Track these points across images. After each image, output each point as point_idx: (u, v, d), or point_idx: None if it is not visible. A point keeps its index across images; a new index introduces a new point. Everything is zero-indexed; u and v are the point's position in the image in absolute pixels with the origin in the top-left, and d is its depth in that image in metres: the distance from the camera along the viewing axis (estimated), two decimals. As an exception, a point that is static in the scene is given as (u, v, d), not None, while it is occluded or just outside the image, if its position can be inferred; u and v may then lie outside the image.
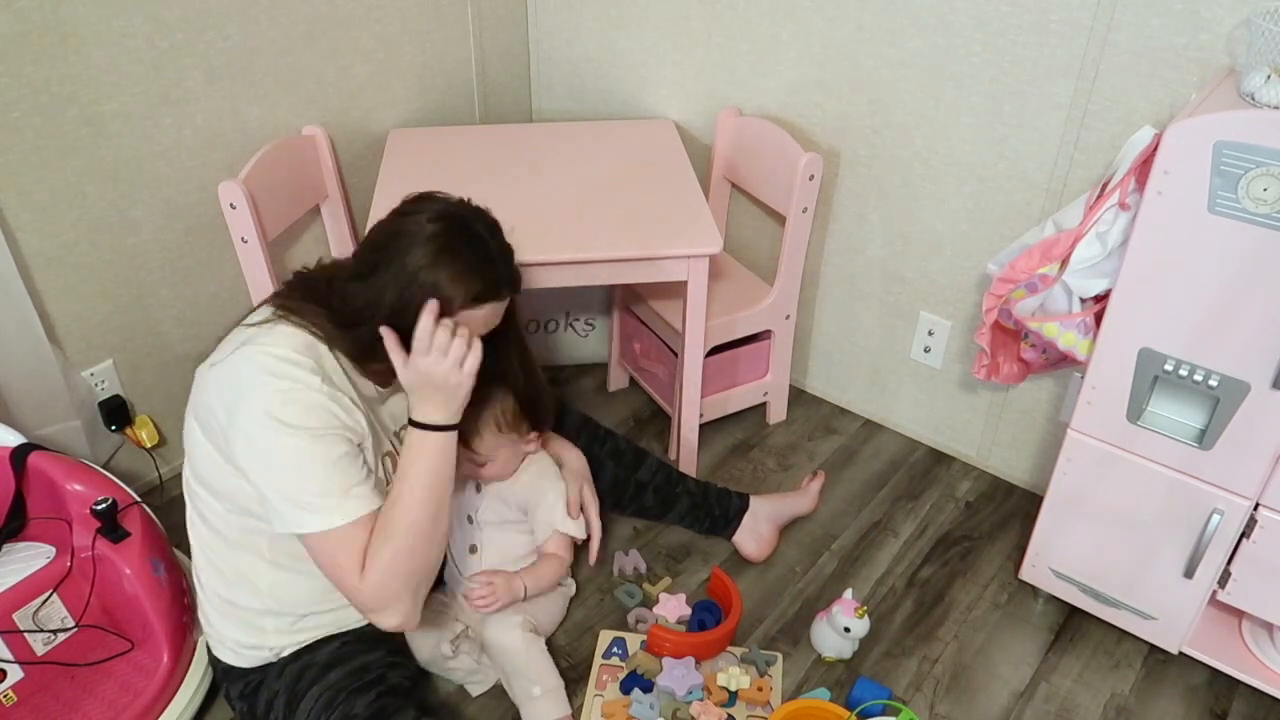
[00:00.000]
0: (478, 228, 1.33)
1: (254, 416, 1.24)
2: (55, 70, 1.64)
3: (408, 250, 1.27)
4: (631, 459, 1.86)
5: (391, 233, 1.31)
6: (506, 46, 2.41)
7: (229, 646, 1.45)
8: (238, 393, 1.26)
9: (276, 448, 1.24)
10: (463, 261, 1.28)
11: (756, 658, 1.69)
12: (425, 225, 1.28)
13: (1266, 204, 1.25)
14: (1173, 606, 1.63)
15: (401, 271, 1.27)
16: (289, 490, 1.25)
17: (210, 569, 1.43)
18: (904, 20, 1.83)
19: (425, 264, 1.26)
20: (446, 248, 1.28)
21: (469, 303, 1.29)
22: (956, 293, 2.02)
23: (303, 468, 1.25)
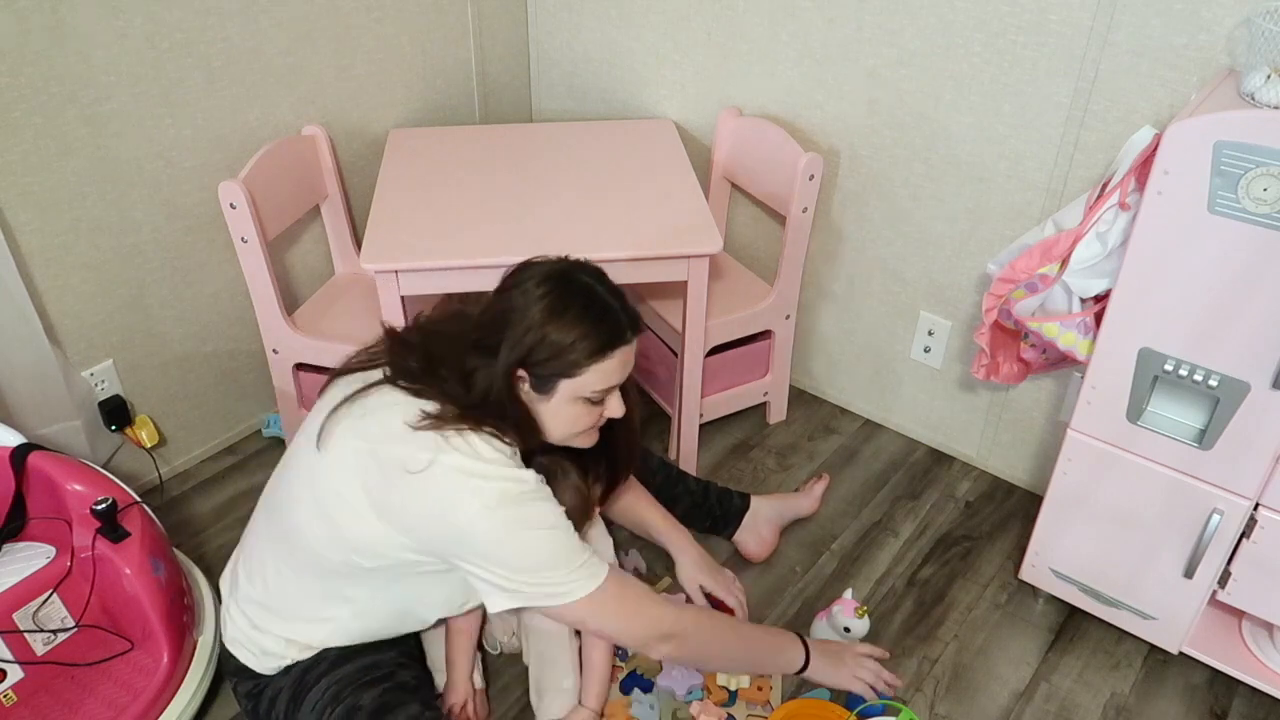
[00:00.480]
0: (583, 278, 1.33)
1: (494, 529, 1.26)
2: (55, 70, 1.64)
3: (522, 320, 1.28)
4: None
5: (503, 310, 1.31)
6: (506, 46, 2.41)
7: (252, 652, 1.45)
8: (463, 506, 1.26)
9: (522, 553, 1.28)
10: (579, 314, 1.29)
11: None
12: (533, 291, 1.29)
13: (1266, 204, 1.25)
14: (1173, 606, 1.63)
15: (520, 341, 1.28)
16: (543, 583, 1.29)
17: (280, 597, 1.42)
18: (904, 20, 1.83)
19: (541, 323, 1.28)
20: (559, 306, 1.29)
21: (597, 355, 1.30)
22: (956, 293, 2.02)
23: (555, 559, 1.30)
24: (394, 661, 1.47)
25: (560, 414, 1.35)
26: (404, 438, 1.27)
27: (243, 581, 1.47)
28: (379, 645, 1.48)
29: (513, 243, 1.76)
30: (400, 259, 1.72)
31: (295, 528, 1.37)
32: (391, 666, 1.46)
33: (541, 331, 1.28)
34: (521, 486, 1.29)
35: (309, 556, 1.36)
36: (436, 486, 1.25)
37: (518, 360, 1.29)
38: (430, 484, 1.25)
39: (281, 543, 1.40)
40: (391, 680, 1.43)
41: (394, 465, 1.26)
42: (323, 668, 1.43)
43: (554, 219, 1.84)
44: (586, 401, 1.35)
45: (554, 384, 1.31)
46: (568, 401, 1.33)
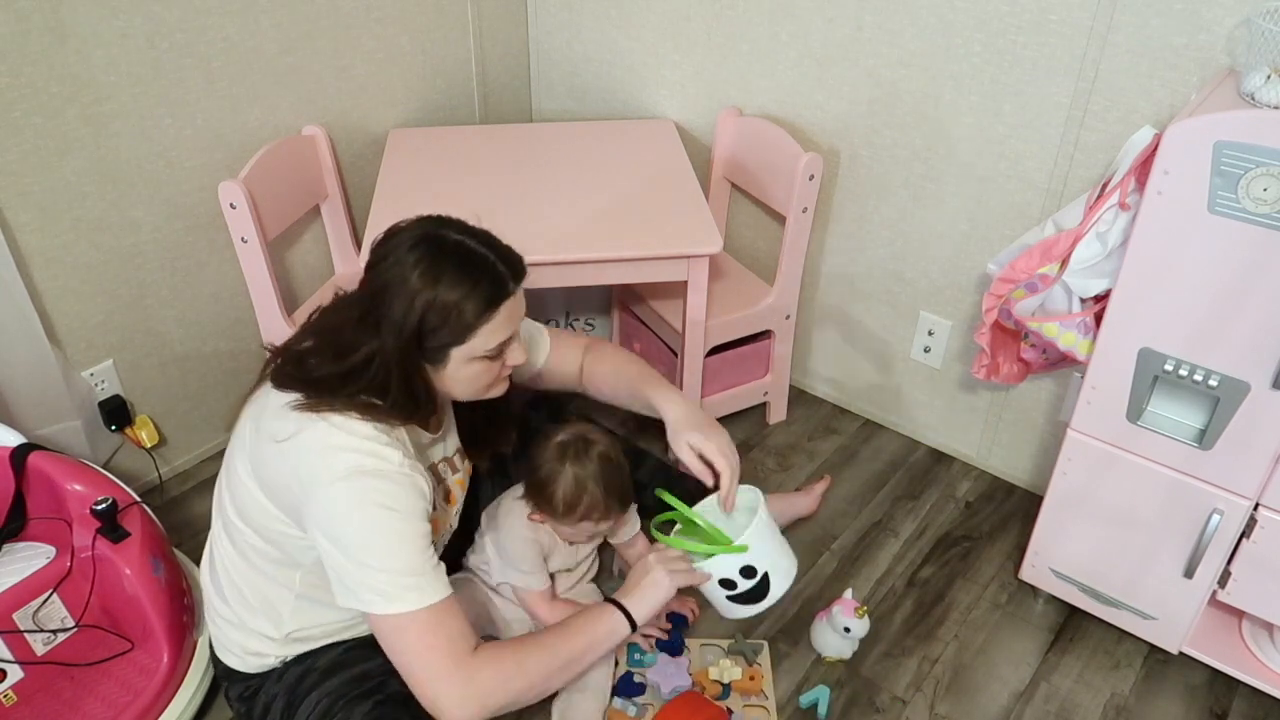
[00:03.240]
0: (453, 236, 1.27)
1: (335, 499, 1.22)
2: (55, 70, 1.64)
3: (401, 292, 1.22)
4: (630, 459, 1.85)
5: (380, 285, 1.25)
6: (506, 46, 2.41)
7: (234, 652, 1.45)
8: (315, 473, 1.23)
9: (358, 531, 1.22)
10: (457, 276, 1.24)
11: (744, 648, 1.69)
12: (406, 259, 1.23)
13: (1266, 204, 1.25)
14: (1173, 606, 1.63)
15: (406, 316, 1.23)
16: (369, 573, 1.22)
17: (231, 588, 1.42)
18: (904, 20, 1.83)
19: (420, 290, 1.22)
20: (435, 271, 1.23)
21: (483, 317, 1.25)
22: (956, 293, 2.02)
23: (389, 550, 1.23)
24: (384, 670, 1.43)
25: (459, 377, 1.31)
26: (280, 413, 1.26)
27: (207, 581, 1.48)
28: (368, 652, 1.44)
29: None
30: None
31: (227, 518, 1.39)
32: (381, 675, 1.42)
33: (424, 300, 1.22)
34: (380, 464, 1.23)
35: (242, 545, 1.37)
36: (296, 452, 1.24)
37: (413, 334, 1.23)
38: (290, 450, 1.24)
39: (224, 536, 1.42)
40: (382, 692, 1.40)
41: (267, 436, 1.27)
42: (314, 679, 1.41)
43: (554, 219, 1.84)
44: (484, 359, 1.30)
45: (444, 354, 1.27)
46: (463, 364, 1.29)
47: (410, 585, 1.23)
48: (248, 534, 1.35)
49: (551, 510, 1.53)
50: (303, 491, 1.24)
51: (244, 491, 1.32)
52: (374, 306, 1.25)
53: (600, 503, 1.52)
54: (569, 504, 1.51)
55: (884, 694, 1.67)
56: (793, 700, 1.65)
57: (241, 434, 1.35)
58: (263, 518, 1.32)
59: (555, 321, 2.40)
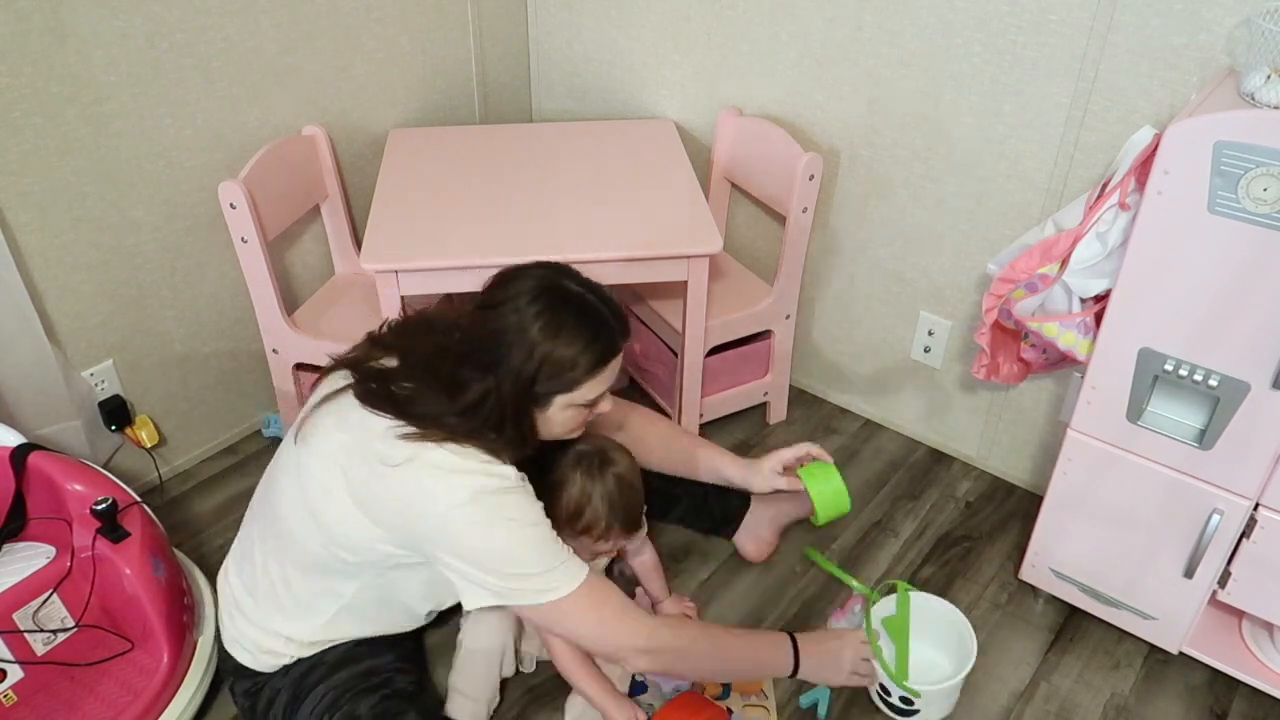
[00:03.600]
0: (574, 288, 1.32)
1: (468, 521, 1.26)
2: (55, 70, 1.64)
3: (521, 340, 1.27)
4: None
5: (497, 328, 1.28)
6: (506, 46, 2.41)
7: (248, 649, 1.45)
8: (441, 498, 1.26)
9: (498, 547, 1.27)
10: (576, 331, 1.28)
11: None
12: (526, 309, 1.28)
13: (1266, 204, 1.25)
14: (1173, 606, 1.63)
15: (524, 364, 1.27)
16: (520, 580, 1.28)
17: (269, 591, 1.42)
18: (904, 20, 1.83)
19: (540, 342, 1.27)
20: (556, 324, 1.27)
21: (595, 369, 1.31)
22: (956, 293, 2.02)
23: (529, 557, 1.29)
24: (391, 666, 1.46)
25: (556, 420, 1.35)
26: (386, 436, 1.27)
27: (235, 579, 1.48)
28: (377, 649, 1.47)
29: (512, 243, 1.76)
30: (400, 259, 1.72)
31: (283, 523, 1.37)
32: (389, 672, 1.45)
33: (543, 352, 1.27)
34: (501, 481, 1.28)
35: (298, 552, 1.37)
36: (415, 478, 1.26)
37: (528, 381, 1.28)
38: (409, 475, 1.26)
39: (272, 539, 1.41)
40: (389, 687, 1.43)
41: (375, 458, 1.27)
42: (321, 672, 1.43)
43: (554, 219, 1.84)
44: (582, 407, 1.36)
45: (550, 400, 1.32)
46: (561, 409, 1.34)
47: (559, 575, 1.30)
48: (312, 543, 1.35)
49: (554, 517, 1.51)
50: (424, 516, 1.26)
51: (329, 503, 1.31)
52: (490, 349, 1.28)
53: (603, 520, 1.51)
54: (572, 514, 1.51)
55: (884, 694, 1.67)
56: (793, 700, 1.65)
57: (321, 444, 1.33)
58: (354, 532, 1.31)
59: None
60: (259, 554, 1.43)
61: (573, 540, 1.53)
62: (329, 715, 1.38)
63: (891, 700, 1.56)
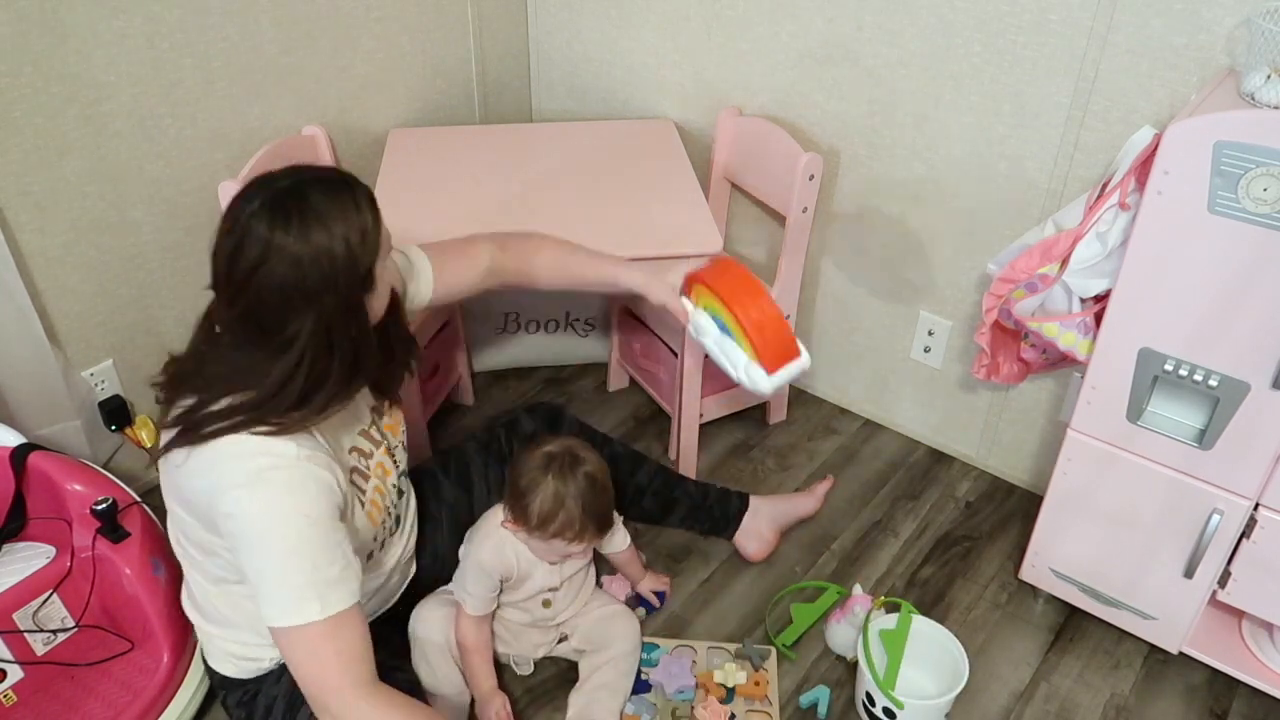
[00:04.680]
0: (283, 181, 1.17)
1: (238, 506, 1.18)
2: (55, 70, 1.64)
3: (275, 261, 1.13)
4: (629, 463, 1.86)
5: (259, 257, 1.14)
6: (506, 46, 2.41)
7: (229, 660, 1.44)
8: (215, 480, 1.19)
9: (259, 535, 1.18)
10: (331, 200, 1.16)
11: (751, 652, 1.69)
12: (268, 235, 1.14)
13: (1266, 204, 1.25)
14: (1173, 606, 1.63)
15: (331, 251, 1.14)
16: (271, 581, 1.19)
17: (212, 609, 1.40)
18: (904, 20, 1.83)
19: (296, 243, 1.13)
20: (301, 220, 1.13)
21: (373, 227, 1.19)
22: (956, 293, 2.02)
23: (289, 557, 1.18)
24: (385, 665, 1.44)
25: (381, 295, 1.26)
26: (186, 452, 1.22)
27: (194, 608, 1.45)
28: None
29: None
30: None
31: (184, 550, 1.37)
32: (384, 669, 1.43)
33: (341, 234, 1.14)
34: (275, 459, 1.19)
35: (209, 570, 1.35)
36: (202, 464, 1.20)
37: (346, 269, 1.16)
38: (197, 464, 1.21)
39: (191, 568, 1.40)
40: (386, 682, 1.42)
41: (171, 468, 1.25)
42: None
43: (554, 219, 1.84)
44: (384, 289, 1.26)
45: (372, 276, 1.21)
46: (381, 280, 1.24)
47: (311, 596, 1.18)
48: (206, 561, 1.33)
49: (525, 521, 1.49)
50: (210, 505, 1.21)
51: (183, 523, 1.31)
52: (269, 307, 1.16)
53: (576, 522, 1.49)
54: (543, 518, 1.48)
55: (884, 694, 1.67)
56: (793, 700, 1.65)
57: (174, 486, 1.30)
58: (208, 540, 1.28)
59: (555, 322, 2.40)
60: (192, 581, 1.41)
61: (544, 543, 1.52)
62: None
63: (875, 711, 1.55)
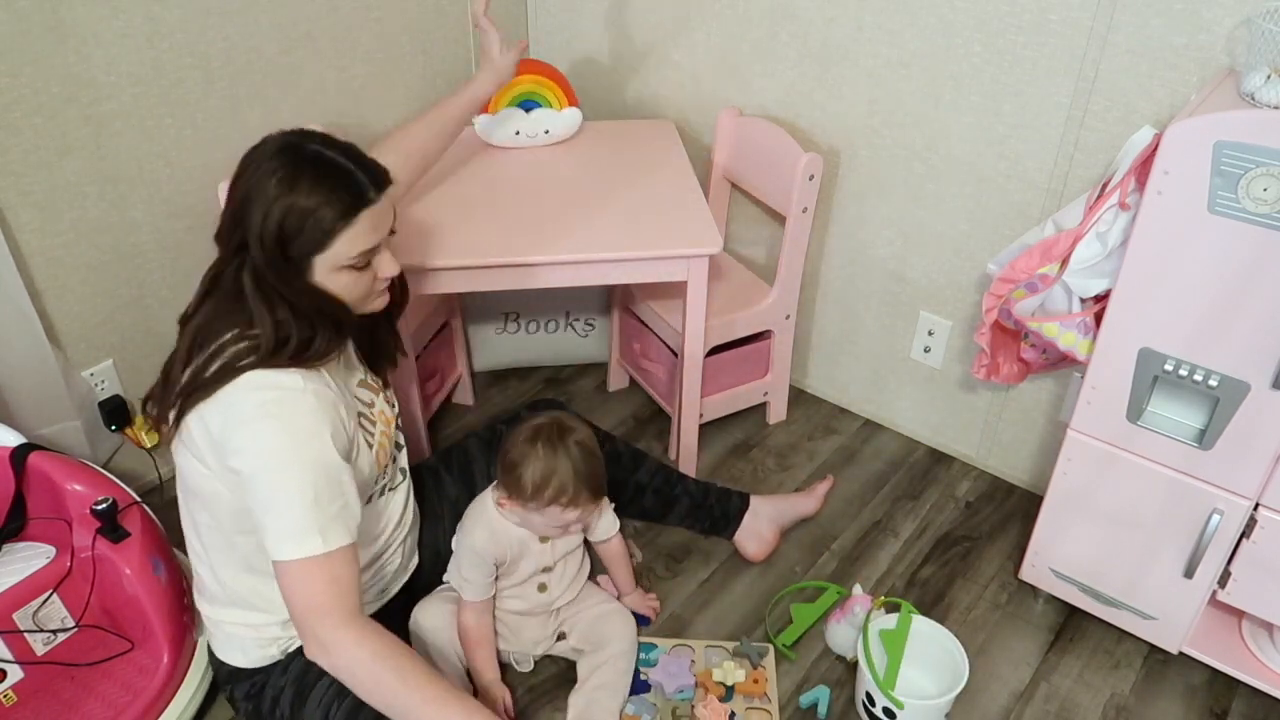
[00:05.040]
0: (312, 146, 1.26)
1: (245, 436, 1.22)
2: (55, 70, 1.64)
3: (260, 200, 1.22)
4: (630, 461, 1.86)
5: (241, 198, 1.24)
6: (506, 46, 2.40)
7: (237, 648, 1.44)
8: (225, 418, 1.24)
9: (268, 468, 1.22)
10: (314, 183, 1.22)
11: (749, 650, 1.69)
12: (265, 166, 1.23)
13: (1266, 204, 1.25)
14: (1173, 606, 1.63)
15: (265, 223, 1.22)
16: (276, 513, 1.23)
17: (216, 583, 1.41)
18: (904, 20, 1.83)
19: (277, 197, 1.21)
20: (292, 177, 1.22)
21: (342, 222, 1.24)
22: (956, 293, 2.02)
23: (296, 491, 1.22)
24: None
25: (332, 288, 1.30)
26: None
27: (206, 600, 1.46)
28: None
29: (513, 243, 1.76)
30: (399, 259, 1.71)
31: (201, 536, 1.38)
32: None
33: (281, 206, 1.21)
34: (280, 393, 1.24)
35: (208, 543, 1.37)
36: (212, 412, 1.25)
37: (275, 243, 1.23)
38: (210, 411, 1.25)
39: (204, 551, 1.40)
40: None
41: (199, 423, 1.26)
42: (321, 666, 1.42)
43: (554, 219, 1.84)
44: (350, 269, 1.29)
45: (309, 261, 1.26)
46: (328, 272, 1.28)
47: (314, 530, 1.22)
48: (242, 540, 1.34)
49: (520, 493, 1.50)
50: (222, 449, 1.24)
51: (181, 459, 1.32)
52: (235, 226, 1.25)
53: (570, 486, 1.49)
54: (537, 486, 1.48)
55: (884, 694, 1.67)
56: (793, 700, 1.65)
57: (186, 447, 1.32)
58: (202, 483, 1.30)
59: (555, 322, 2.40)
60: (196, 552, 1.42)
61: (541, 514, 1.52)
62: (338, 702, 1.37)
63: (875, 711, 1.55)
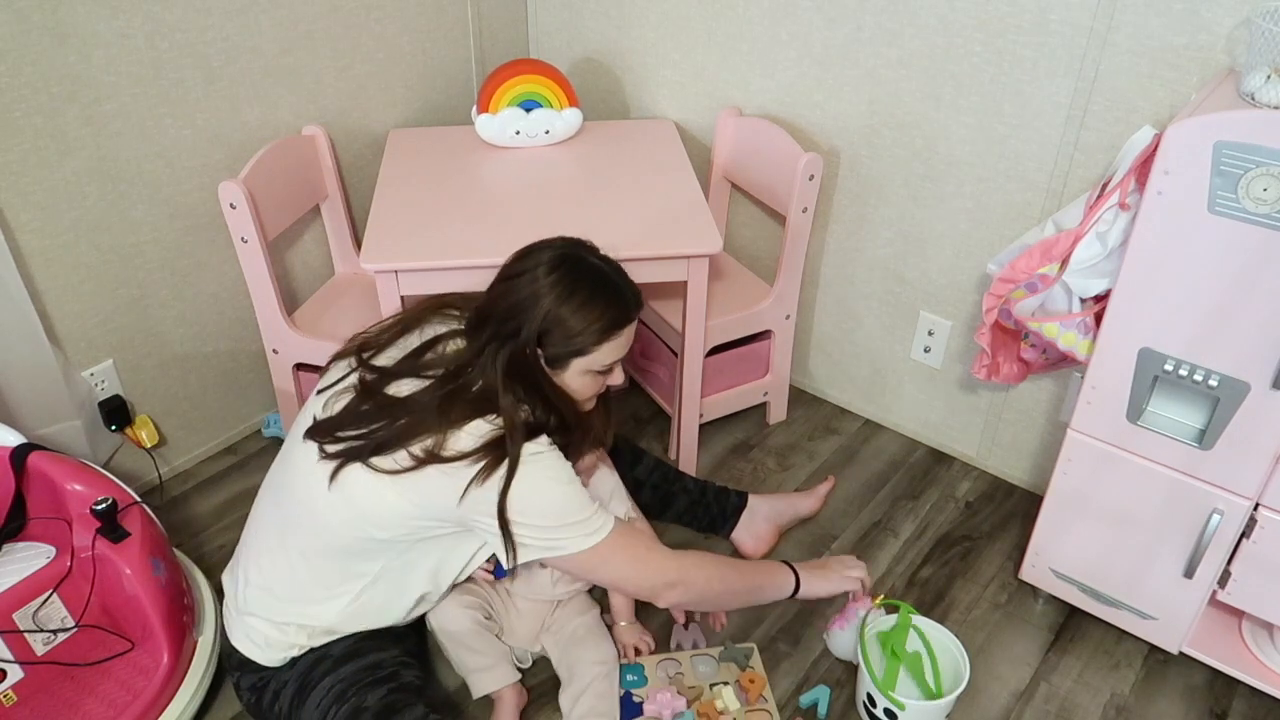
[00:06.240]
0: (591, 260, 1.43)
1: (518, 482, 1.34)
2: (55, 70, 1.64)
3: (536, 307, 1.37)
4: (629, 457, 1.86)
5: (515, 300, 1.39)
6: (506, 47, 2.40)
7: (255, 641, 1.46)
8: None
9: (545, 504, 1.36)
10: (589, 297, 1.39)
11: (734, 654, 1.69)
12: (543, 278, 1.38)
13: (1266, 204, 1.25)
14: (1173, 606, 1.63)
15: (537, 325, 1.37)
16: (564, 530, 1.37)
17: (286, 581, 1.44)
18: (904, 20, 1.83)
19: (554, 307, 1.37)
20: (570, 291, 1.38)
21: (607, 335, 1.41)
22: (956, 293, 2.02)
23: (569, 509, 1.38)
24: (397, 660, 1.47)
25: (571, 385, 1.45)
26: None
27: (244, 574, 1.49)
28: (382, 644, 1.48)
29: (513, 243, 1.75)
30: (400, 259, 1.72)
31: (308, 511, 1.39)
32: (395, 666, 1.46)
33: (556, 315, 1.37)
34: (538, 445, 1.38)
35: (327, 537, 1.40)
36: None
37: (533, 338, 1.38)
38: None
39: (293, 528, 1.43)
40: (396, 680, 1.44)
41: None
42: (327, 665, 1.43)
43: (554, 219, 1.84)
44: (594, 373, 1.45)
45: (567, 362, 1.41)
46: (577, 374, 1.44)
47: (599, 521, 1.40)
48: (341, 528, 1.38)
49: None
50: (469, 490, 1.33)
51: (372, 490, 1.35)
52: (509, 317, 1.38)
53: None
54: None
55: (884, 694, 1.67)
56: (793, 700, 1.65)
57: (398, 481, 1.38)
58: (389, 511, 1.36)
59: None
60: (278, 544, 1.45)
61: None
62: (336, 706, 1.39)
63: (876, 712, 1.55)
